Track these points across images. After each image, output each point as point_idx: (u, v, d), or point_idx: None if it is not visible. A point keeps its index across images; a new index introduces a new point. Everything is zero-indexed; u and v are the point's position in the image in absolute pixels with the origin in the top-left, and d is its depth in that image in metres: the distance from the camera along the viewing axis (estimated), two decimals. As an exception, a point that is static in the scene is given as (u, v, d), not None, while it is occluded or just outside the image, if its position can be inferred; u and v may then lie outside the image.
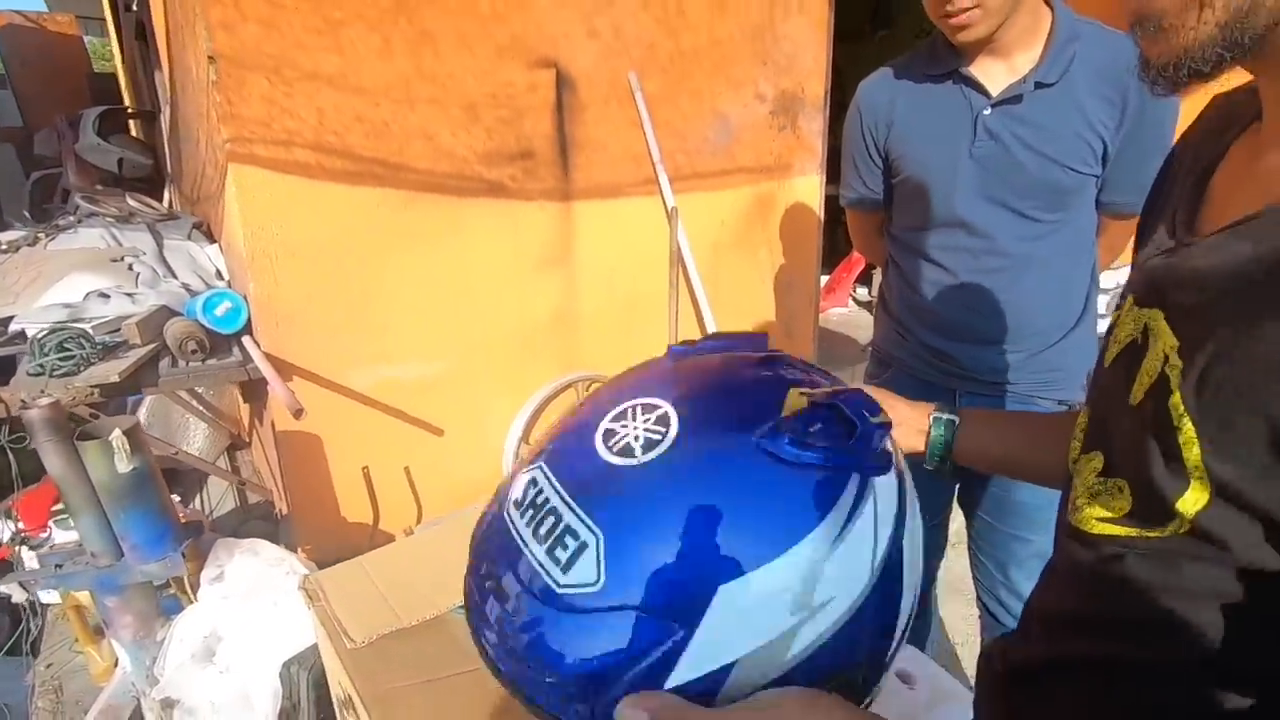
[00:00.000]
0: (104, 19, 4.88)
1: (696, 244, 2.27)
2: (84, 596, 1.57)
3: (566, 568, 0.38)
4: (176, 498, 1.87)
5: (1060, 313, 1.26)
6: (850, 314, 4.12)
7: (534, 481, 0.42)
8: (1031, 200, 1.19)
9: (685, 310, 2.28)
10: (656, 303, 2.23)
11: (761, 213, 2.45)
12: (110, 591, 1.31)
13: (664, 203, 2.12)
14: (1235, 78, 0.42)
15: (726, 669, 0.37)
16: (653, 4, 2.03)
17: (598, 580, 0.37)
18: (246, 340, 1.67)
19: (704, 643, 0.37)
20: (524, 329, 2.02)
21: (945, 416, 0.75)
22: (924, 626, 1.64)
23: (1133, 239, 0.58)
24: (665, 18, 2.06)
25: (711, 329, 2.20)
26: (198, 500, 2.26)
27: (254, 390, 1.94)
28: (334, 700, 0.91)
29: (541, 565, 0.39)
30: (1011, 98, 1.14)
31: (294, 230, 1.64)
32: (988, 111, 1.16)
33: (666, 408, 0.41)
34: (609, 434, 0.41)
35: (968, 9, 1.06)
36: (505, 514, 0.43)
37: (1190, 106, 0.49)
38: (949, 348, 1.32)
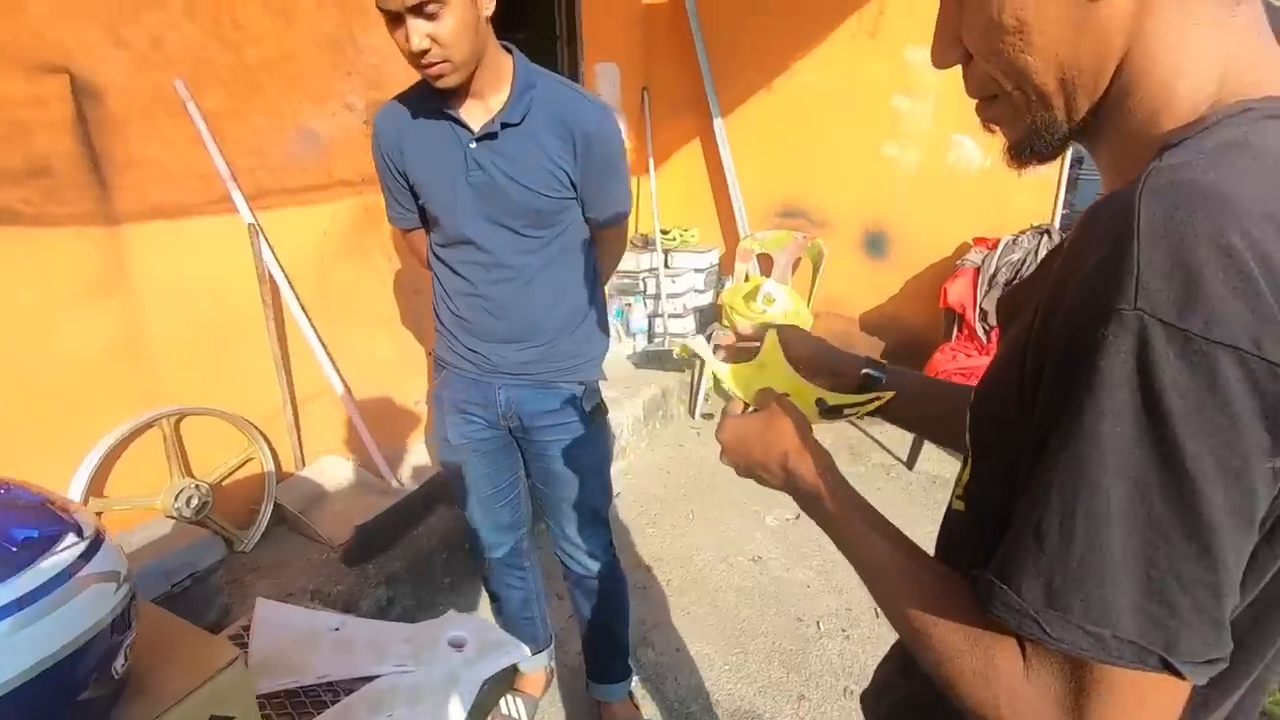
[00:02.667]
0: None
1: (297, 258, 2.24)
2: None
3: None
4: None
5: (563, 312, 1.51)
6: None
7: None
8: (521, 220, 1.40)
9: (292, 325, 2.25)
10: (254, 322, 2.16)
11: (371, 222, 2.48)
12: None
13: (243, 221, 2.06)
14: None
15: None
16: (199, 14, 1.92)
17: None
18: None
19: None
20: (74, 370, 1.80)
21: (875, 373, 0.80)
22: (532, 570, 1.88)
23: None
24: (217, 30, 1.97)
25: (314, 342, 2.21)
26: None
27: None
28: None
29: None
30: (489, 134, 1.33)
31: None
32: (473, 145, 1.35)
33: None
34: None
35: (437, 63, 1.23)
36: None
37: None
38: (482, 348, 1.52)
